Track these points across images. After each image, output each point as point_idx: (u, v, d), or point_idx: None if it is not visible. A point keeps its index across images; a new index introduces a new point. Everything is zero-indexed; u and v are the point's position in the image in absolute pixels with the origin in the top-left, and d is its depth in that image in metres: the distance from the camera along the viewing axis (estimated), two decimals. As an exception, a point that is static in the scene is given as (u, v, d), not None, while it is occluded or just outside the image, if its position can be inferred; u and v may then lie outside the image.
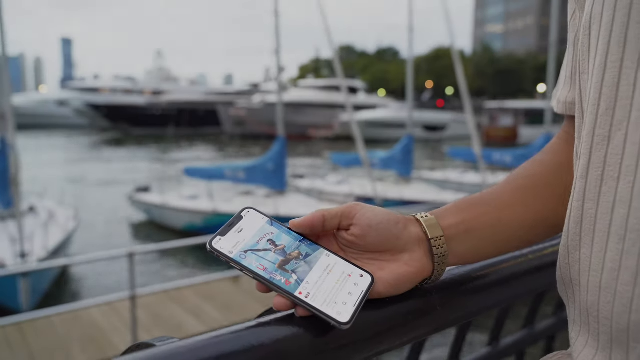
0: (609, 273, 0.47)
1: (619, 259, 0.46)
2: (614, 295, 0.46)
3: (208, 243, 0.53)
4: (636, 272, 0.44)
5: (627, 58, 0.46)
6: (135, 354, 0.44)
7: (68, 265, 8.95)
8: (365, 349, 0.54)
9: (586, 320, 0.51)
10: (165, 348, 0.45)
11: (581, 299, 0.52)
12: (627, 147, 0.46)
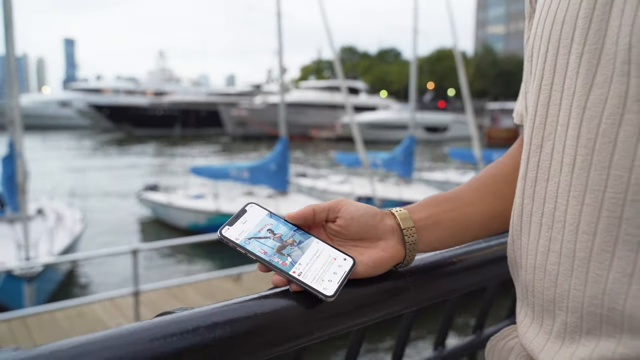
0: (541, 256, 0.58)
1: (547, 244, 0.57)
2: (544, 273, 0.58)
3: (218, 231, 0.65)
4: (560, 254, 0.56)
5: (556, 83, 0.57)
6: (162, 318, 0.55)
7: (73, 267, 9.09)
8: (347, 319, 0.66)
9: (526, 295, 0.63)
10: (185, 313, 0.56)
11: (522, 278, 0.63)
12: (554, 154, 0.57)
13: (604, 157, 0.51)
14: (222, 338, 0.56)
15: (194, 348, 0.54)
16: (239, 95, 64.15)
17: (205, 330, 0.55)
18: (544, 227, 0.58)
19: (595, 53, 0.52)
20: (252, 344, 0.58)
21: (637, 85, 0.48)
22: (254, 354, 0.58)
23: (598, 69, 0.52)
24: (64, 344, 0.49)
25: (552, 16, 0.58)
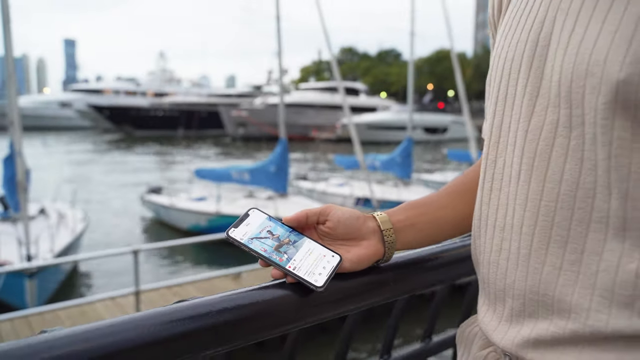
0: (494, 253, 0.70)
1: (500, 244, 0.69)
2: (497, 267, 0.69)
3: (225, 232, 0.76)
4: (509, 252, 0.67)
5: (506, 109, 0.69)
6: (180, 304, 0.67)
7: (75, 265, 9.21)
8: (335, 307, 0.77)
9: (483, 286, 0.74)
10: (199, 300, 0.68)
11: (480, 272, 0.75)
12: (505, 169, 0.69)
13: (541, 173, 0.62)
14: (230, 320, 0.68)
15: (207, 328, 0.66)
16: (240, 96, 64.23)
17: (216, 313, 0.67)
18: (497, 230, 0.70)
19: (535, 87, 0.64)
20: (254, 326, 0.70)
21: (565, 115, 0.60)
22: (256, 334, 0.70)
23: (537, 100, 0.64)
24: (103, 323, 0.61)
25: (505, 52, 0.70)
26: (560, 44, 0.61)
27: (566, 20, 0.60)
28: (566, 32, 0.60)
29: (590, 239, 0.59)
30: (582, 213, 0.59)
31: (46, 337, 0.58)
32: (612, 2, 0.56)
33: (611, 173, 0.56)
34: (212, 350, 0.68)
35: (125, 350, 0.60)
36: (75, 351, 0.57)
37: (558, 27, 0.61)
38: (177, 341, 0.64)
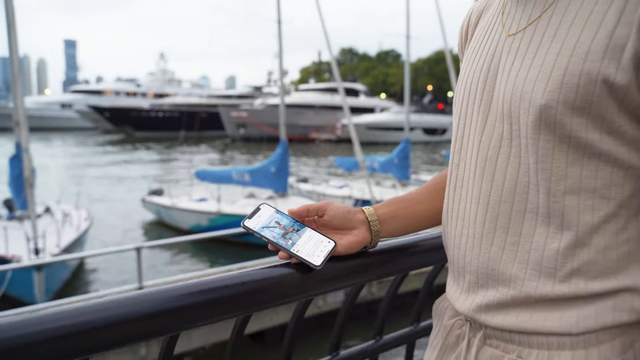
0: (457, 238, 0.87)
1: (460, 230, 0.87)
2: (458, 249, 0.87)
3: (241, 222, 0.94)
4: (467, 237, 0.85)
5: (466, 123, 0.87)
6: (206, 278, 0.85)
7: (81, 261, 9.41)
8: (330, 284, 0.95)
9: (450, 265, 0.92)
10: (221, 276, 0.86)
11: (448, 254, 0.92)
12: (465, 171, 0.86)
13: (489, 174, 0.80)
14: (245, 292, 0.86)
15: (227, 298, 0.84)
16: (240, 97, 64.39)
17: (234, 287, 0.85)
18: (459, 219, 0.87)
19: (487, 106, 0.82)
20: (265, 297, 0.88)
21: (507, 129, 0.78)
22: (267, 303, 0.88)
23: (488, 116, 0.81)
24: (150, 291, 0.78)
25: (466, 77, 0.88)
26: (504, 74, 0.78)
27: (509, 56, 0.78)
28: (508, 65, 0.78)
29: (525, 226, 0.76)
30: (519, 205, 0.77)
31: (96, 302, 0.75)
32: (539, 44, 0.74)
33: (538, 174, 0.74)
34: (231, 315, 0.86)
35: (167, 312, 0.78)
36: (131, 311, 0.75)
37: (503, 60, 0.79)
38: (204, 307, 0.82)
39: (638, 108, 0.69)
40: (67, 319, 0.71)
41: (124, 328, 0.75)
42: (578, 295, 0.73)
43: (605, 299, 0.73)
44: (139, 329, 0.77)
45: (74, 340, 0.71)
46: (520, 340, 0.78)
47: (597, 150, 0.71)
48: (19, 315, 0.69)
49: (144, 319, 0.77)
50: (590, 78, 0.68)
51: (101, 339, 0.73)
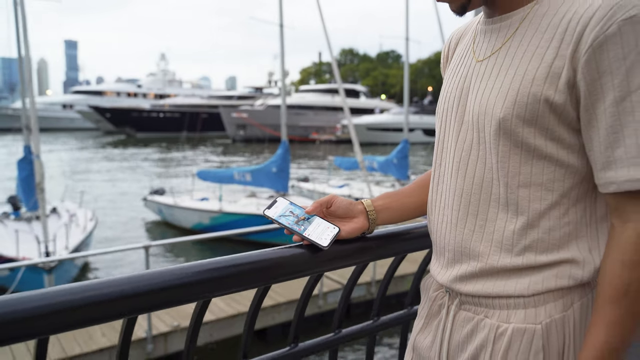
0: (439, 224, 1.08)
1: (441, 218, 1.07)
2: (439, 233, 1.07)
3: (262, 211, 1.14)
4: (446, 222, 1.05)
5: (445, 130, 1.07)
6: (234, 255, 1.05)
7: (89, 260, 9.62)
8: (335, 262, 1.16)
9: (433, 246, 1.12)
10: (247, 254, 1.06)
11: (432, 237, 1.13)
12: (445, 170, 1.07)
13: (463, 172, 1.01)
14: (266, 267, 1.06)
15: (251, 271, 1.04)
16: (240, 97, 64.58)
17: (257, 262, 1.05)
18: (440, 208, 1.08)
19: (461, 116, 1.02)
20: (282, 271, 1.09)
21: (476, 136, 0.98)
22: (284, 276, 1.09)
23: (462, 126, 1.02)
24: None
25: (446, 94, 1.08)
26: (473, 93, 0.99)
27: (477, 79, 0.99)
28: (476, 86, 0.99)
29: (489, 212, 0.97)
30: (485, 196, 0.97)
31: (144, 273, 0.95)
32: (499, 70, 0.95)
33: (499, 172, 0.94)
34: (254, 285, 1.07)
35: (204, 280, 0.98)
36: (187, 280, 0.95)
37: (473, 82, 1.00)
38: (234, 278, 1.03)
39: (573, 121, 0.89)
40: (125, 284, 0.92)
41: (173, 292, 0.96)
42: (529, 266, 0.94)
43: (550, 268, 0.94)
44: (183, 293, 0.98)
45: (132, 302, 0.92)
46: (486, 303, 0.98)
47: (543, 153, 0.91)
48: (102, 280, 0.90)
49: (187, 286, 0.98)
50: (535, 98, 0.89)
51: (156, 299, 0.94)
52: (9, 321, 0.79)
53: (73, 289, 0.87)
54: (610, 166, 0.86)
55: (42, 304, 0.82)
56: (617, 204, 0.89)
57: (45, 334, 0.85)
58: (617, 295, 0.86)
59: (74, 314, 0.85)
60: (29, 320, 0.81)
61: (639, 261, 0.84)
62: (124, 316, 0.93)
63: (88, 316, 0.87)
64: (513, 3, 0.96)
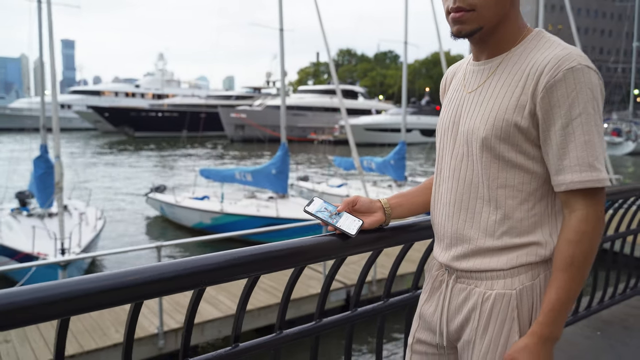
0: (439, 217, 1.40)
1: (441, 212, 1.39)
2: (441, 224, 1.39)
3: (303, 208, 1.46)
4: (446, 215, 1.36)
5: (444, 145, 1.39)
6: (277, 242, 1.37)
7: (101, 257, 9.92)
8: (359, 247, 1.48)
9: (435, 235, 1.44)
10: (292, 241, 1.38)
11: (434, 227, 1.45)
12: (443, 175, 1.38)
13: (456, 176, 1.33)
14: (305, 250, 1.38)
15: (293, 254, 1.36)
16: (239, 97, 64.76)
17: (298, 247, 1.37)
18: (440, 205, 1.40)
19: (455, 136, 1.34)
20: (320, 253, 1.41)
21: (466, 150, 1.30)
22: (319, 258, 1.42)
23: (456, 142, 1.34)
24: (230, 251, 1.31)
25: (443, 117, 1.40)
26: (464, 118, 1.31)
27: (467, 107, 1.31)
28: (466, 113, 1.31)
29: (477, 207, 1.29)
30: (473, 195, 1.29)
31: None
32: (482, 101, 1.27)
33: (483, 177, 1.26)
34: (294, 265, 1.39)
35: (253, 261, 1.30)
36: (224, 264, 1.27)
37: (464, 109, 1.32)
38: (279, 259, 1.35)
39: (535, 139, 1.22)
40: (155, 270, 1.24)
41: (233, 269, 1.28)
42: (507, 247, 1.26)
43: (522, 248, 1.26)
44: (241, 270, 1.30)
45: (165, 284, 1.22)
46: (476, 276, 1.30)
47: (514, 163, 1.24)
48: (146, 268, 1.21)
49: (245, 264, 1.30)
50: (508, 123, 1.21)
51: (209, 276, 1.26)
52: (42, 303, 1.02)
53: (90, 278, 1.09)
54: (560, 172, 1.19)
55: (67, 290, 1.05)
56: (566, 199, 1.21)
57: (69, 314, 1.09)
58: (565, 265, 1.18)
59: (91, 299, 1.07)
60: (56, 303, 1.03)
61: (580, 240, 1.17)
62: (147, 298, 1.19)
63: (103, 301, 1.10)
64: (494, 51, 1.29)
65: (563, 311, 1.19)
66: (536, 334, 1.19)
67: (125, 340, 1.24)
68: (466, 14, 1.22)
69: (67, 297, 1.04)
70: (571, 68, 1.15)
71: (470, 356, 1.32)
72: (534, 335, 1.19)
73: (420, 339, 1.48)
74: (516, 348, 1.20)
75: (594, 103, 1.17)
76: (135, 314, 1.22)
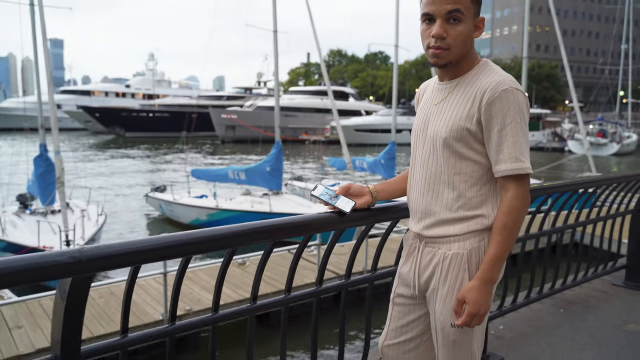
0: (413, 197, 1.83)
1: (415, 193, 1.83)
2: (414, 202, 1.83)
3: (310, 192, 1.91)
4: (417, 195, 1.80)
5: (416, 143, 1.83)
6: (287, 218, 1.82)
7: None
8: (352, 222, 1.93)
9: (410, 211, 1.89)
10: (296, 217, 1.82)
11: (409, 205, 1.89)
12: (416, 165, 1.82)
13: (425, 167, 1.77)
14: (309, 223, 1.83)
15: (301, 225, 1.81)
16: (230, 98, 65.00)
17: (305, 220, 1.82)
18: (414, 188, 1.84)
19: (424, 136, 1.79)
20: (320, 226, 1.85)
21: (432, 147, 1.74)
22: (321, 229, 1.86)
23: (425, 141, 1.78)
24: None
25: (417, 121, 1.85)
26: (431, 123, 1.76)
27: (433, 115, 1.76)
28: (433, 119, 1.76)
29: (440, 189, 1.74)
30: (437, 180, 1.74)
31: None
32: (444, 111, 1.72)
33: (444, 167, 1.71)
34: (303, 233, 1.83)
35: (273, 230, 1.74)
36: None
37: (430, 117, 1.77)
38: (293, 228, 1.79)
39: (481, 139, 1.66)
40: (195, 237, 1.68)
41: (251, 236, 1.72)
42: (461, 218, 1.71)
43: (472, 219, 1.70)
44: (262, 237, 1.74)
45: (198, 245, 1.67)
46: (439, 241, 1.75)
47: (466, 156, 1.69)
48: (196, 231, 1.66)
49: (267, 231, 1.74)
50: (462, 127, 1.66)
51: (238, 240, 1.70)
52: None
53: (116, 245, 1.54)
54: (497, 163, 1.64)
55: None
56: (502, 183, 1.66)
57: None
58: (500, 230, 1.63)
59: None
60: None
61: (511, 212, 1.62)
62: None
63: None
64: (454, 75, 1.74)
65: (499, 262, 1.64)
66: (480, 278, 1.64)
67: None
68: (443, 52, 1.66)
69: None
70: (505, 89, 1.60)
71: (435, 299, 1.76)
72: (478, 279, 1.64)
73: (400, 293, 1.93)
74: (466, 288, 1.65)
75: (521, 114, 1.62)
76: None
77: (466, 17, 1.64)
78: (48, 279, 1.30)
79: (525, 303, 3.70)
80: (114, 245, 1.42)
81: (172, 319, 1.74)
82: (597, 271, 4.41)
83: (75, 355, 1.55)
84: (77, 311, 1.51)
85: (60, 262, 1.28)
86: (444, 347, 1.77)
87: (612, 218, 4.30)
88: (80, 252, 1.30)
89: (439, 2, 1.63)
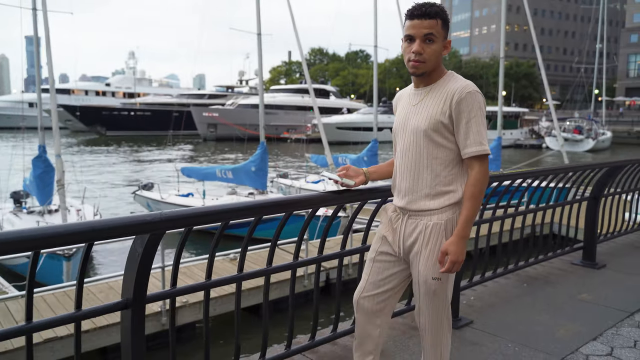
0: (399, 178, 2.34)
1: (400, 175, 2.34)
2: (400, 182, 2.34)
3: (320, 174, 2.46)
4: (402, 178, 2.32)
5: (399, 136, 2.35)
6: (291, 196, 2.33)
7: (97, 249, 10.63)
8: (350, 198, 2.47)
9: (395, 190, 2.41)
10: (298, 195, 2.34)
11: (394, 187, 2.41)
12: (400, 154, 2.34)
13: (407, 155, 2.29)
14: (312, 200, 2.35)
15: (309, 201, 2.33)
16: (212, 96, 64.94)
17: (313, 196, 2.34)
18: (400, 172, 2.35)
19: (405, 129, 2.31)
20: (326, 202, 2.37)
21: (413, 139, 2.26)
22: (327, 203, 2.38)
23: (406, 134, 2.31)
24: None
25: (398, 119, 2.38)
26: (411, 119, 2.29)
27: (412, 113, 2.29)
28: (412, 116, 2.28)
29: (421, 171, 2.26)
30: (418, 164, 2.26)
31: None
32: (422, 110, 2.25)
33: (424, 154, 2.24)
34: (312, 207, 2.35)
35: (280, 205, 2.26)
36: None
37: (410, 114, 2.30)
38: (301, 203, 2.31)
39: (452, 130, 2.17)
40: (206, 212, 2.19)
41: (260, 210, 2.24)
42: (438, 194, 2.23)
43: (446, 195, 2.22)
44: (275, 210, 2.26)
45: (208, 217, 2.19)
46: (421, 214, 2.26)
47: (441, 144, 2.21)
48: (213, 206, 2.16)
49: (288, 204, 2.26)
50: (437, 121, 2.18)
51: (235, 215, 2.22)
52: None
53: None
54: (465, 147, 2.16)
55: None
56: (469, 163, 2.18)
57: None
58: (469, 197, 2.15)
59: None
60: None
61: (475, 184, 2.13)
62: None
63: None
64: (427, 83, 2.25)
65: (470, 222, 2.15)
66: (457, 235, 2.16)
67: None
68: (421, 64, 2.19)
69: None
70: (469, 92, 2.13)
71: (419, 260, 2.27)
72: (456, 236, 2.16)
73: (383, 251, 2.41)
74: (447, 243, 2.16)
75: (481, 111, 2.15)
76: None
77: (438, 39, 2.17)
78: (136, 234, 1.80)
79: (492, 277, 4.27)
80: (180, 212, 1.94)
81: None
82: (557, 252, 5.01)
83: (142, 299, 2.06)
84: (147, 264, 2.01)
85: (146, 220, 1.78)
86: (425, 295, 2.27)
87: (569, 204, 4.90)
88: (160, 215, 1.81)
89: (418, 27, 2.15)
